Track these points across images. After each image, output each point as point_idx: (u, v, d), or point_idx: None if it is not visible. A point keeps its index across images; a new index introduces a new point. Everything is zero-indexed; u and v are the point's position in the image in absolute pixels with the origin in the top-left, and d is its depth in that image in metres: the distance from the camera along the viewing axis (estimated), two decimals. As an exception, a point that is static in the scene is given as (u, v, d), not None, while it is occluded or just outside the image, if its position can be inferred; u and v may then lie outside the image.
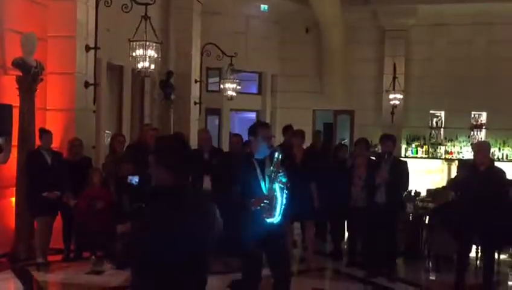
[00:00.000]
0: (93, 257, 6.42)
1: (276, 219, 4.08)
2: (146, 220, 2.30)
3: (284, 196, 4.06)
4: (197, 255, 2.35)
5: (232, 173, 4.21)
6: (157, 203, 2.35)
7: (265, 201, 3.98)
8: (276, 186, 4.04)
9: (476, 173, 5.68)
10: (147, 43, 6.75)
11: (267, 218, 4.03)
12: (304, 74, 12.72)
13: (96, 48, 7.34)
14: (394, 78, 11.75)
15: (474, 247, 6.54)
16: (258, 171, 4.08)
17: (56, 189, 6.30)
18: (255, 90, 13.06)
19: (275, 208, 4.04)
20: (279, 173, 4.05)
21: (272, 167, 4.05)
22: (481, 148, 5.97)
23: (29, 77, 6.43)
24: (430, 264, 6.98)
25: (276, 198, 4.03)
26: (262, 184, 4.06)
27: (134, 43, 6.77)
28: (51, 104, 7.17)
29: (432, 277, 6.78)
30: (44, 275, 5.98)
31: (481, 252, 6.51)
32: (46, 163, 6.37)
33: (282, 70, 12.96)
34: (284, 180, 4.06)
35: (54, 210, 6.46)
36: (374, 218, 6.11)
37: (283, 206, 4.09)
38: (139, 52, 6.78)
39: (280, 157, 4.11)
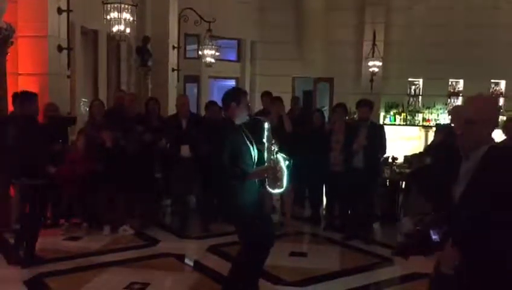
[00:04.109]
0: (67, 223, 6.39)
1: (283, 189, 4.05)
2: None
3: (287, 165, 4.01)
4: None
5: (222, 141, 3.92)
6: None
7: (269, 172, 3.92)
8: (280, 156, 3.99)
9: (453, 137, 5.74)
10: (122, 6, 6.58)
11: (275, 189, 4.00)
12: (283, 40, 12.60)
13: (68, 10, 7.12)
14: (374, 45, 11.74)
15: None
16: (245, 137, 3.99)
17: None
18: (234, 58, 12.92)
19: (282, 178, 3.99)
20: (273, 143, 4.00)
21: (265, 137, 4.00)
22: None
23: (-1, 39, 6.22)
24: (406, 227, 7.11)
25: (282, 168, 3.98)
26: (251, 151, 3.99)
27: (109, 6, 6.60)
28: (23, 68, 6.96)
29: (407, 240, 6.92)
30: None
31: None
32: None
33: (262, 37, 12.81)
34: (276, 149, 4.01)
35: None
36: (352, 182, 6.18)
37: (288, 176, 4.05)
38: (114, 14, 6.62)
39: (269, 127, 4.06)
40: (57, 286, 4.66)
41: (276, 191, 4.02)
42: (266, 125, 4.02)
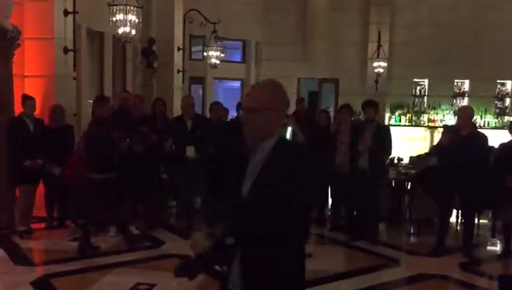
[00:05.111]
0: (73, 224, 6.42)
1: None
2: None
3: None
4: None
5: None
6: None
7: None
8: None
9: (459, 138, 5.73)
10: (127, 7, 6.61)
11: None
12: (288, 41, 12.59)
13: (74, 12, 7.16)
14: (379, 45, 11.70)
15: (454, 211, 6.67)
16: None
17: (38, 157, 6.22)
18: (239, 59, 12.93)
19: None
20: None
21: None
22: (464, 113, 6.02)
23: (6, 42, 6.25)
24: (412, 228, 7.10)
25: None
26: None
27: (114, 7, 6.62)
28: (29, 70, 7.02)
29: (413, 240, 6.91)
30: (28, 242, 5.97)
31: (461, 215, 6.64)
32: (29, 130, 6.29)
33: (267, 38, 12.80)
34: None
35: (36, 178, 6.39)
36: (358, 183, 6.17)
37: None
38: (119, 16, 6.65)
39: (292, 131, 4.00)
40: (63, 286, 4.68)
41: None
42: (289, 128, 3.96)
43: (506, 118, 11.84)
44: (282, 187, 2.03)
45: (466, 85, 12.47)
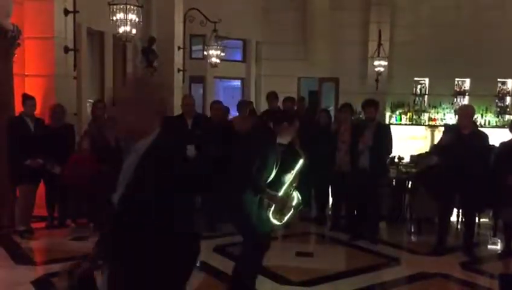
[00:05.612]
0: (73, 224, 6.42)
1: (281, 223, 4.04)
2: None
3: (296, 205, 4.01)
4: None
5: (260, 156, 3.83)
6: None
7: (280, 202, 3.90)
8: (295, 195, 3.96)
9: (460, 137, 5.73)
10: (128, 7, 6.61)
11: (275, 219, 3.97)
12: (288, 40, 12.57)
13: (75, 11, 7.16)
14: (379, 44, 11.69)
15: (455, 210, 6.66)
16: (275, 156, 3.93)
17: (39, 156, 6.22)
18: (239, 58, 12.93)
19: (285, 214, 3.97)
20: (296, 181, 3.99)
21: (294, 172, 3.97)
22: (465, 112, 6.01)
23: (6, 41, 6.25)
24: (412, 227, 7.10)
25: (291, 207, 3.98)
26: (272, 171, 3.93)
27: (115, 7, 6.63)
28: (30, 69, 7.02)
29: (414, 239, 6.90)
30: (28, 242, 5.97)
31: (462, 214, 6.64)
32: (29, 130, 6.28)
33: (267, 37, 12.80)
34: (295, 186, 4.01)
35: (37, 178, 6.39)
36: (358, 182, 6.17)
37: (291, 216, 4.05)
38: (120, 16, 6.66)
39: (303, 164, 4.04)
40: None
41: (275, 222, 4.02)
42: (301, 161, 4.01)
43: (507, 117, 11.83)
44: (152, 191, 1.89)
45: (467, 84, 12.46)
